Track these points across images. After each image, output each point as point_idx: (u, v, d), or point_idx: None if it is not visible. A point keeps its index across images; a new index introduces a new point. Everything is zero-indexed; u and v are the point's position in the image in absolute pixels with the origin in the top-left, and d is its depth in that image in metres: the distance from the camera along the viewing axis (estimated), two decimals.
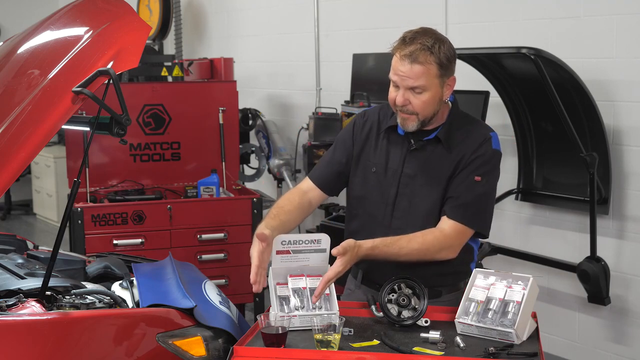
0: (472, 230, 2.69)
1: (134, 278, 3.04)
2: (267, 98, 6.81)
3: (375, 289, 2.73)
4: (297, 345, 2.33)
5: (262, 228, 2.60)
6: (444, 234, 2.64)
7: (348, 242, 2.51)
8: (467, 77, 4.61)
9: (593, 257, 4.10)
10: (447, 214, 2.66)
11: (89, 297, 2.74)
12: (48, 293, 2.64)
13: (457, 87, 2.74)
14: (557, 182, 4.44)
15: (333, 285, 2.54)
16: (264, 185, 6.49)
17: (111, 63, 2.61)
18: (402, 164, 2.72)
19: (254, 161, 6.31)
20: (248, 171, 6.30)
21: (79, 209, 4.67)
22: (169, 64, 6.02)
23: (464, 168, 2.67)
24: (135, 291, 2.91)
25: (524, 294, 2.39)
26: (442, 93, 2.64)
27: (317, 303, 2.48)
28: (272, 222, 2.67)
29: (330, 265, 2.57)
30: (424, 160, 2.70)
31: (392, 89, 2.66)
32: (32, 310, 2.48)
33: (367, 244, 2.56)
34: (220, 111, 5.35)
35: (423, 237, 2.63)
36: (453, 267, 2.73)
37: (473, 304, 2.44)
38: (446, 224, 2.65)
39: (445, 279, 2.75)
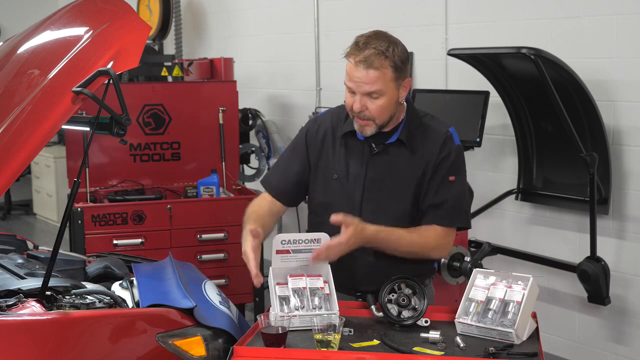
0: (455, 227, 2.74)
1: (134, 278, 3.04)
2: (267, 98, 6.81)
3: (350, 294, 2.75)
4: (297, 345, 2.33)
5: (252, 226, 2.63)
6: (438, 233, 2.67)
7: (351, 217, 2.51)
8: (467, 77, 4.61)
9: (593, 257, 4.10)
10: (435, 221, 2.67)
11: (89, 297, 2.74)
12: (48, 293, 2.64)
13: (457, 87, 2.75)
14: (557, 182, 4.44)
15: (333, 285, 2.54)
16: None
17: (111, 63, 2.61)
18: (365, 168, 2.70)
19: (254, 161, 6.31)
20: (248, 171, 6.30)
21: (79, 209, 4.67)
22: (169, 64, 6.02)
23: (435, 172, 2.67)
24: (135, 291, 2.91)
25: (524, 294, 2.39)
26: (398, 95, 2.63)
27: (317, 303, 2.48)
28: (256, 223, 2.69)
29: (330, 265, 2.58)
30: (388, 163, 2.69)
31: (348, 95, 2.63)
32: (32, 310, 2.48)
33: (371, 227, 2.56)
34: (220, 111, 5.35)
35: (420, 231, 2.65)
36: (427, 265, 2.78)
37: (473, 304, 2.44)
38: (436, 228, 2.67)
39: (421, 277, 2.74)
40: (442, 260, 4.14)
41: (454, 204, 2.68)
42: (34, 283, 2.71)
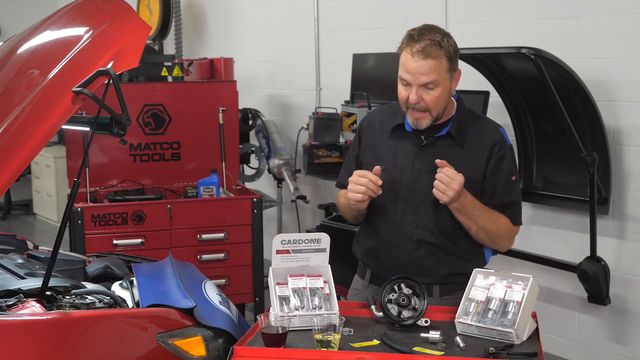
0: None
1: (134, 278, 3.04)
2: (267, 98, 6.81)
3: None
4: (297, 345, 2.34)
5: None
6: (508, 223, 2.74)
7: None
8: (467, 77, 4.59)
9: (593, 257, 4.10)
10: (511, 220, 2.75)
11: (89, 297, 2.74)
12: (48, 293, 2.64)
13: (457, 87, 2.75)
14: (557, 182, 4.44)
15: (333, 285, 2.54)
16: (264, 185, 6.49)
17: (111, 63, 2.61)
18: (414, 159, 2.73)
19: (254, 161, 6.31)
20: (248, 171, 6.30)
21: (79, 209, 4.67)
22: (169, 64, 6.01)
23: (495, 173, 2.71)
24: (135, 291, 2.91)
25: (524, 294, 2.39)
26: (451, 86, 2.68)
27: (317, 303, 2.48)
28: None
29: (330, 265, 2.58)
30: (436, 156, 2.69)
31: (401, 88, 2.66)
32: (32, 310, 2.48)
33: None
34: (220, 111, 5.35)
35: (496, 213, 2.71)
36: (473, 262, 2.75)
37: (473, 304, 2.44)
38: (507, 220, 2.75)
39: (461, 276, 2.76)
40: None
41: (519, 204, 2.78)
42: (34, 283, 2.71)
